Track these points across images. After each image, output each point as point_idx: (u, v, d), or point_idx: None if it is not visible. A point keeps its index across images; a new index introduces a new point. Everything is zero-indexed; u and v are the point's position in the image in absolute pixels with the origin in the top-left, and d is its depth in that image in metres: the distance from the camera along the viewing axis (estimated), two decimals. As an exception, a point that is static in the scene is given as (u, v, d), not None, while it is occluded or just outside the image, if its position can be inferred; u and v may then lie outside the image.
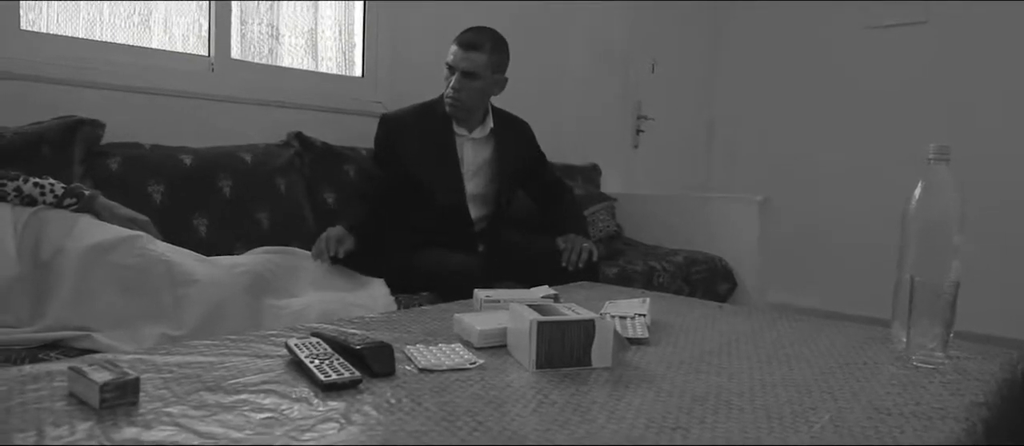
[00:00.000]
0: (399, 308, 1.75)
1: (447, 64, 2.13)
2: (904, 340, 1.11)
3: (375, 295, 1.83)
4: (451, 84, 2.11)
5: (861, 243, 3.84)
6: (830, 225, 3.99)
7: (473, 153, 2.22)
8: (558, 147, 2.47)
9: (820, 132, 4.06)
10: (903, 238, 1.16)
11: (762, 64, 4.30)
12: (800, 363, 1.05)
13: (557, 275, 1.96)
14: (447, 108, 2.14)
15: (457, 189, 2.17)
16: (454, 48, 2.11)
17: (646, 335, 1.14)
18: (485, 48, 2.10)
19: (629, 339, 1.11)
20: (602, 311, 1.25)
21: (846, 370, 1.02)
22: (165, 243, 1.57)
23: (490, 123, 2.23)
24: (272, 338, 1.07)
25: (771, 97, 4.26)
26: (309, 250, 1.96)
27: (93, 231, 1.47)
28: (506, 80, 2.20)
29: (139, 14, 2.19)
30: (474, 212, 2.21)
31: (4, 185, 1.45)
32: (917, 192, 1.15)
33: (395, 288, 1.89)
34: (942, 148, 1.13)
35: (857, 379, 0.97)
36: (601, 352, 0.97)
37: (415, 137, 2.14)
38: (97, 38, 2.09)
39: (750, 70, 4.35)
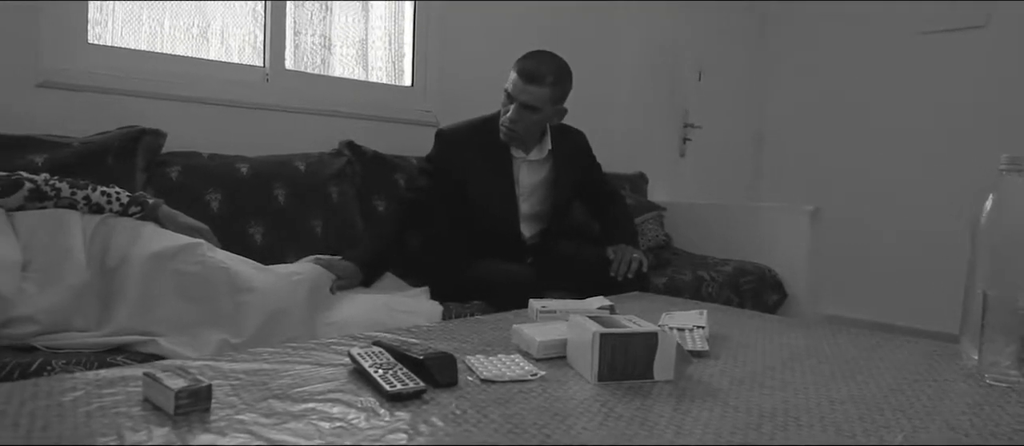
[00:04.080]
0: (449, 317, 1.75)
1: (506, 91, 2.04)
2: (975, 357, 1.08)
3: (421, 303, 1.84)
4: (508, 114, 2.03)
5: (915, 254, 3.75)
6: (882, 235, 3.90)
7: (529, 174, 2.18)
8: (605, 155, 2.46)
9: (872, 140, 3.97)
10: (974, 252, 1.12)
11: (811, 71, 4.23)
12: (866, 379, 1.02)
13: (606, 285, 1.95)
14: (502, 135, 2.09)
15: (510, 210, 2.16)
16: (514, 77, 2.01)
17: (706, 348, 1.13)
18: (546, 81, 2.00)
19: (689, 352, 1.10)
20: (659, 322, 1.24)
21: (915, 387, 0.99)
22: (224, 251, 1.60)
23: (548, 144, 2.17)
24: (333, 346, 1.08)
25: (821, 105, 4.18)
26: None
27: (156, 239, 1.51)
28: (566, 110, 2.14)
29: (198, 26, 2.25)
30: (526, 231, 2.20)
31: (74, 194, 1.50)
32: (988, 204, 1.11)
33: (445, 297, 1.90)
34: (1016, 158, 1.09)
35: (928, 397, 0.95)
36: (663, 365, 0.96)
37: (471, 155, 2.10)
38: (158, 50, 2.15)
39: (799, 77, 4.28)
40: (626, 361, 0.94)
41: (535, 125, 2.08)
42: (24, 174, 1.49)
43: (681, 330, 1.18)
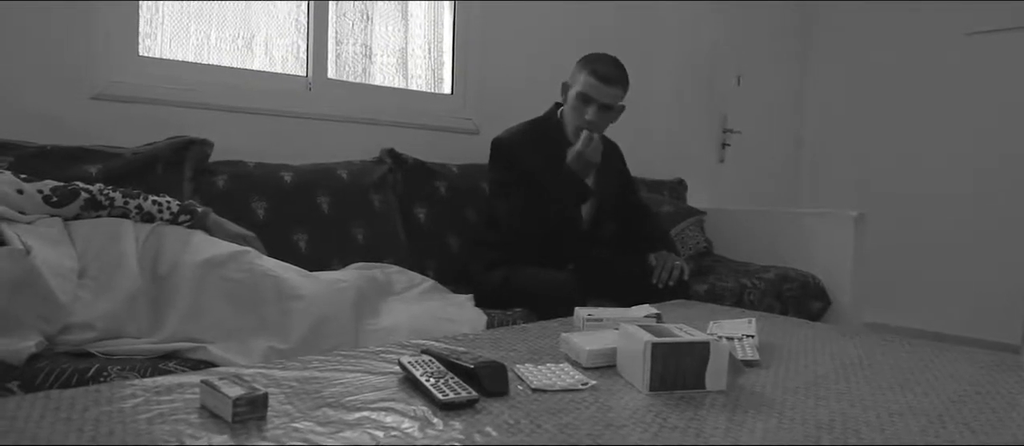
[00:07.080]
0: (493, 325, 1.75)
1: (582, 94, 2.08)
2: (1039, 368, 1.04)
3: (465, 311, 1.84)
4: (588, 115, 2.08)
5: (964, 262, 3.66)
6: (928, 242, 3.80)
7: None
8: (644, 161, 2.44)
9: (918, 144, 3.88)
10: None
11: (853, 74, 4.15)
12: (925, 390, 1.00)
13: (647, 293, 1.93)
14: (582, 137, 2.08)
15: (577, 211, 2.17)
16: (593, 81, 2.07)
17: (757, 357, 1.11)
18: (621, 83, 2.12)
19: (740, 361, 1.08)
20: (707, 331, 1.22)
21: (978, 400, 0.96)
22: (271, 258, 1.62)
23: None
24: (382, 355, 1.09)
25: (863, 108, 4.10)
26: (402, 266, 2.00)
27: (205, 247, 1.54)
28: (624, 107, 2.20)
29: (243, 37, 2.29)
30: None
31: (127, 203, 1.54)
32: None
33: (487, 304, 1.90)
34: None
35: (993, 410, 0.92)
36: (716, 375, 0.94)
37: (535, 158, 2.12)
38: (205, 61, 2.19)
39: (840, 81, 4.21)
40: (678, 371, 0.93)
41: (607, 124, 2.15)
42: (80, 184, 1.53)
43: (731, 339, 1.16)
